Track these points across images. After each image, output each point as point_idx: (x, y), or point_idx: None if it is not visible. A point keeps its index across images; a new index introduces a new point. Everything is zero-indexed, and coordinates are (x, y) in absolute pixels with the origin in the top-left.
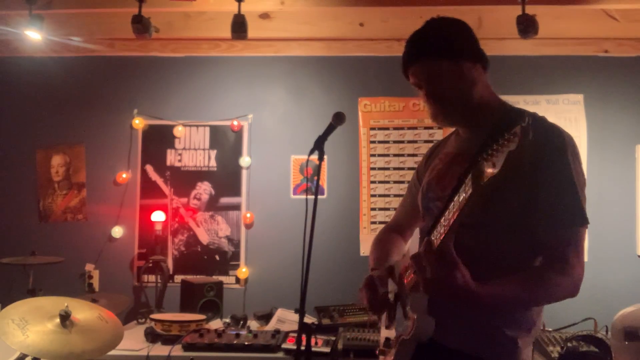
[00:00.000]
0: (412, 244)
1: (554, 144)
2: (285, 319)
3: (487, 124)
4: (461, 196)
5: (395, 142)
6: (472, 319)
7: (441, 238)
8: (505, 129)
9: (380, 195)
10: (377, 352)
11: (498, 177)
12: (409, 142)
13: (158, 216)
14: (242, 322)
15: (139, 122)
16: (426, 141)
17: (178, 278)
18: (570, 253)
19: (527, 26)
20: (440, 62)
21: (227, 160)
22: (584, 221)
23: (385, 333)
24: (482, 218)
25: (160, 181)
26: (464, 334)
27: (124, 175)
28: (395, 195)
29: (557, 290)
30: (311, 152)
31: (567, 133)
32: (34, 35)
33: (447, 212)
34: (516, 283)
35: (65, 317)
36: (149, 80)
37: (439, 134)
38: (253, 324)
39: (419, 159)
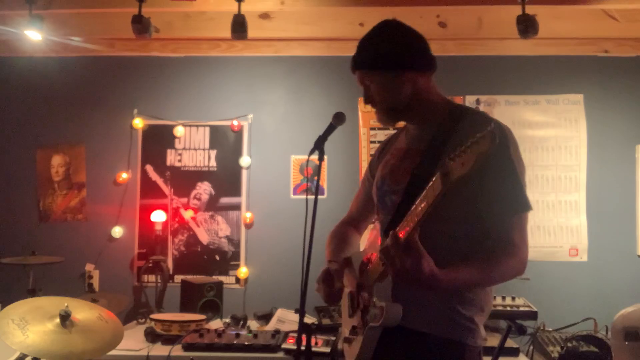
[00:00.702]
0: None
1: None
2: (285, 319)
3: (434, 121)
4: (429, 194)
5: None
6: (433, 302)
7: (407, 231)
8: (473, 131)
9: None
10: (343, 340)
11: (466, 177)
12: None
13: (158, 216)
14: (242, 322)
15: (139, 122)
16: None
17: (178, 278)
18: (516, 237)
19: (527, 26)
20: (375, 73)
21: (227, 160)
22: (526, 207)
23: (350, 322)
24: (439, 210)
25: (160, 181)
26: (427, 316)
27: (124, 175)
28: None
29: (507, 271)
30: (311, 152)
31: (506, 126)
32: (34, 35)
33: (413, 207)
34: (473, 267)
35: (65, 317)
36: (149, 80)
37: None
38: (253, 324)
39: None
